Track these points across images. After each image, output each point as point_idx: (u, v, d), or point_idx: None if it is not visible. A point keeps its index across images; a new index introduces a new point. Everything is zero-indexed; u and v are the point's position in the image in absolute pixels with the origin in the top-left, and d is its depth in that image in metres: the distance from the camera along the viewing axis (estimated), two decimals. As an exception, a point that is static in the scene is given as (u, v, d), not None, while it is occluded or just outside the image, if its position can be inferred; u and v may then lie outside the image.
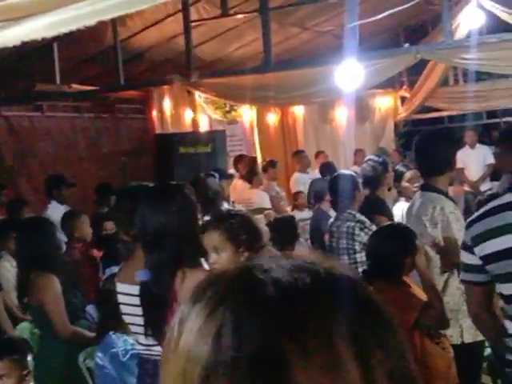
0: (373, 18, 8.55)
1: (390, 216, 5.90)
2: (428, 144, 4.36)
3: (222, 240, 3.21)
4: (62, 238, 5.74)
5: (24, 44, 4.09)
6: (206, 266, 3.18)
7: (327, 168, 9.73)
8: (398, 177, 6.47)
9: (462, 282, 3.30)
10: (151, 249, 3.15)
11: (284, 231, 5.75)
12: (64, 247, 5.92)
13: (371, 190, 5.93)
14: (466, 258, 3.16)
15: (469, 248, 3.11)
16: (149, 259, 3.16)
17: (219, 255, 3.23)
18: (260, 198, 9.03)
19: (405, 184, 6.26)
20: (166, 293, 3.05)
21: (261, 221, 6.36)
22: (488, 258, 3.04)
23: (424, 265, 3.63)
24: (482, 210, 3.17)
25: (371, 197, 5.91)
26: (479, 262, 3.07)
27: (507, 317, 3.12)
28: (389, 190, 6.23)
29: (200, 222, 3.61)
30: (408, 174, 6.23)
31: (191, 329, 0.71)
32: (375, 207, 5.80)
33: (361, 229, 5.45)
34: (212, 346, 0.68)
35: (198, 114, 11.09)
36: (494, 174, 11.26)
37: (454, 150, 4.39)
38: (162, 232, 3.09)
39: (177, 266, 3.06)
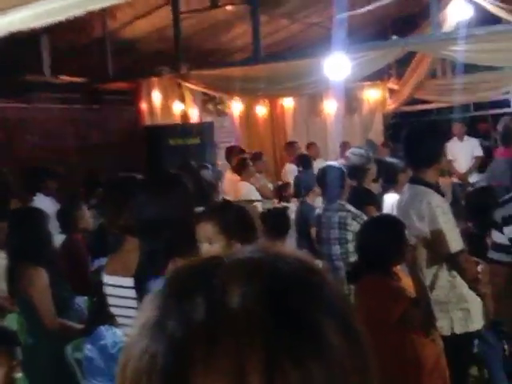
0: (361, 10, 8.57)
1: (379, 206, 5.93)
2: (415, 137, 4.37)
3: (216, 231, 3.21)
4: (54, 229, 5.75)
5: (12, 35, 4.07)
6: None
7: (301, 160, 9.74)
8: (389, 169, 6.49)
9: (490, 261, 3.30)
10: (147, 238, 3.15)
11: (277, 223, 5.76)
12: (59, 238, 5.94)
13: (358, 182, 5.96)
14: (495, 236, 3.22)
15: (499, 227, 3.14)
16: (144, 248, 3.16)
17: (212, 246, 3.24)
18: (247, 190, 9.06)
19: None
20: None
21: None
22: None
23: (415, 263, 3.63)
24: None
25: (359, 188, 5.94)
26: (507, 243, 3.13)
27: None
28: (374, 181, 6.27)
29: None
30: None
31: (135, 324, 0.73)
32: (364, 198, 5.83)
33: (353, 218, 5.49)
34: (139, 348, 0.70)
35: (187, 105, 11.09)
36: (481, 166, 11.32)
37: (442, 143, 4.40)
38: (158, 221, 3.09)
39: (170, 256, 3.07)
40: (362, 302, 3.67)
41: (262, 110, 13.50)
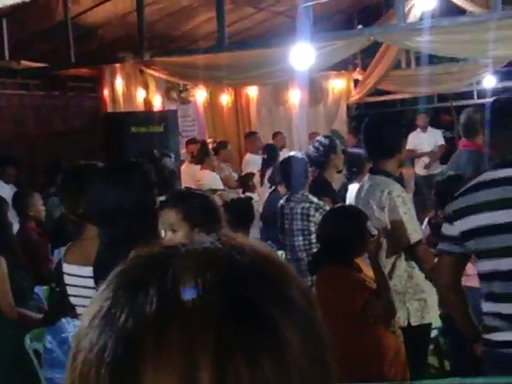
0: (327, -1, 8.54)
1: (335, 197, 5.92)
2: (376, 127, 4.37)
3: (179, 219, 3.17)
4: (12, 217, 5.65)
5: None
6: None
7: (267, 149, 9.69)
8: (355, 159, 6.48)
9: (438, 252, 3.33)
10: (106, 227, 3.11)
11: (241, 213, 5.72)
12: (16, 227, 5.84)
13: (319, 172, 5.95)
14: (445, 228, 3.23)
15: (450, 219, 3.19)
16: (103, 237, 3.12)
17: (175, 234, 3.20)
18: (210, 178, 9.02)
19: None
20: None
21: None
22: (467, 234, 3.12)
23: (377, 254, 3.63)
24: (464, 187, 3.23)
25: (317, 178, 5.93)
26: (456, 234, 3.15)
27: (482, 295, 3.18)
28: (338, 172, 6.25)
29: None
30: None
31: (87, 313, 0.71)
32: (319, 188, 5.82)
33: (316, 209, 5.47)
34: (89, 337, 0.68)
35: (151, 93, 10.99)
36: (443, 157, 11.42)
37: (402, 133, 4.39)
38: (116, 209, 3.04)
39: (131, 245, 3.01)
40: (322, 292, 3.66)
41: (226, 99, 13.44)
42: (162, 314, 0.65)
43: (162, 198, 3.52)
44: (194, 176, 9.17)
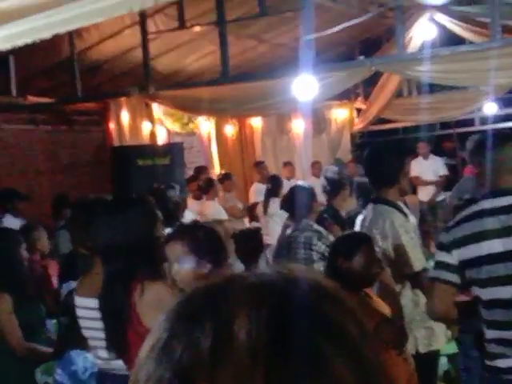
0: (328, 32, 8.64)
1: (343, 225, 5.95)
2: (377, 156, 4.40)
3: (185, 251, 3.21)
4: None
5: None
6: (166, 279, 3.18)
7: (271, 180, 9.74)
8: (363, 188, 6.53)
9: (433, 279, 3.29)
10: (107, 261, 3.17)
11: (250, 243, 5.73)
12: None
13: (328, 200, 5.99)
14: (441, 256, 3.22)
15: (446, 248, 3.19)
16: (105, 271, 3.17)
17: (181, 266, 3.24)
18: (214, 209, 9.05)
19: None
20: (122, 305, 3.05)
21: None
22: (468, 263, 3.13)
23: (390, 280, 3.65)
24: (459, 216, 3.24)
25: (326, 206, 5.97)
26: (454, 262, 3.15)
27: (484, 322, 3.19)
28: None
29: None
30: None
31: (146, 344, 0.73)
32: (329, 216, 5.85)
33: (318, 238, 5.47)
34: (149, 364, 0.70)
35: (156, 126, 11.09)
36: (447, 184, 11.47)
37: (403, 162, 4.39)
38: (117, 244, 3.10)
39: (133, 279, 3.07)
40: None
41: (230, 130, 13.53)
42: (216, 350, 0.67)
43: (168, 230, 3.56)
44: (199, 211, 9.19)
